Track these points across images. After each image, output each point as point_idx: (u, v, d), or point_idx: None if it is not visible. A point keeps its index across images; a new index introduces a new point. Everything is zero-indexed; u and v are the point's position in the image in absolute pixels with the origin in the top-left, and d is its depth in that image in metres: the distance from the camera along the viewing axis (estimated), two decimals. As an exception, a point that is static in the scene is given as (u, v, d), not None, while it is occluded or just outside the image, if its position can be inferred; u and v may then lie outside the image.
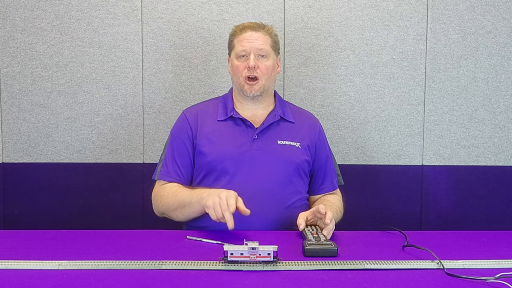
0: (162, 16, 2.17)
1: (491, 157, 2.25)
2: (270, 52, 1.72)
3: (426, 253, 1.32)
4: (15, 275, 1.16)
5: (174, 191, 1.67)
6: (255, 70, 1.68)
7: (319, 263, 1.25)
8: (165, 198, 1.68)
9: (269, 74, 1.72)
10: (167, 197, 1.67)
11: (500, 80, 2.22)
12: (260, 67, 1.68)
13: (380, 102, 2.22)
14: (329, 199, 1.75)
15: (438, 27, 2.20)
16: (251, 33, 1.71)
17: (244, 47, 1.69)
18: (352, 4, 2.18)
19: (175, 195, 1.65)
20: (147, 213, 2.15)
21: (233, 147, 1.68)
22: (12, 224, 2.19)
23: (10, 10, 2.15)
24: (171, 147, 1.75)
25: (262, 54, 1.69)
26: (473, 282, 1.15)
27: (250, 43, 1.69)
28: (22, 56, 2.16)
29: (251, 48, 1.68)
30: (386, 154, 2.23)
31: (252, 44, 1.69)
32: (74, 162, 2.19)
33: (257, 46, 1.69)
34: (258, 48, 1.69)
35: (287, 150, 1.71)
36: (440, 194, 2.24)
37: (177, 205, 1.63)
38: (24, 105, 2.18)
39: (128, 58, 2.18)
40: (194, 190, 1.63)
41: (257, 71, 1.68)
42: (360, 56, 2.20)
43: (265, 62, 1.70)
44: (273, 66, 1.73)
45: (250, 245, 1.23)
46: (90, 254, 1.30)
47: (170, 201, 1.65)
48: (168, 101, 2.19)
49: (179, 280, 1.14)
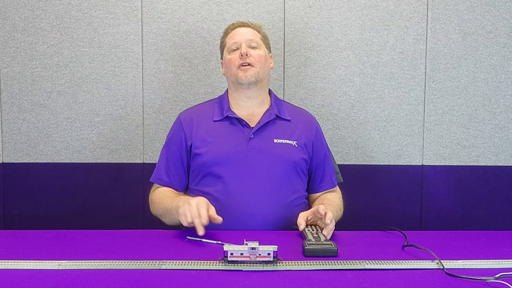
0: (162, 16, 2.17)
1: (491, 157, 2.25)
2: (260, 43, 1.77)
3: (426, 253, 1.32)
4: (15, 275, 1.16)
5: (162, 196, 1.70)
6: (248, 57, 1.71)
7: (319, 263, 1.25)
8: (155, 203, 1.71)
9: (262, 62, 1.74)
10: (156, 202, 1.71)
11: (500, 80, 2.22)
12: (252, 55, 1.72)
13: (380, 102, 2.22)
14: (329, 198, 1.75)
15: (438, 27, 2.20)
16: (240, 29, 1.78)
17: (235, 40, 1.75)
18: (352, 4, 2.19)
19: (161, 201, 1.68)
20: (147, 213, 2.15)
21: (229, 147, 1.69)
22: (12, 224, 2.19)
23: (10, 10, 2.15)
24: (165, 151, 1.78)
25: (252, 45, 1.74)
26: (473, 282, 1.15)
27: (240, 36, 1.75)
28: (22, 56, 2.16)
29: (241, 40, 1.74)
30: (386, 154, 2.23)
31: (242, 36, 1.75)
32: (74, 162, 2.19)
33: (247, 37, 1.75)
34: (248, 39, 1.75)
35: (284, 148, 1.71)
36: (440, 194, 2.24)
37: (161, 211, 1.67)
38: (24, 105, 2.18)
39: (128, 58, 2.18)
40: (177, 198, 1.65)
41: (250, 58, 1.71)
42: (360, 56, 2.20)
43: (257, 52, 1.74)
44: (265, 57, 1.76)
45: (250, 245, 1.23)
46: (90, 254, 1.30)
47: (157, 207, 1.70)
48: (168, 101, 2.19)
49: (179, 280, 1.14)
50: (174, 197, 1.67)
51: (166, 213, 1.64)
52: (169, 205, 1.61)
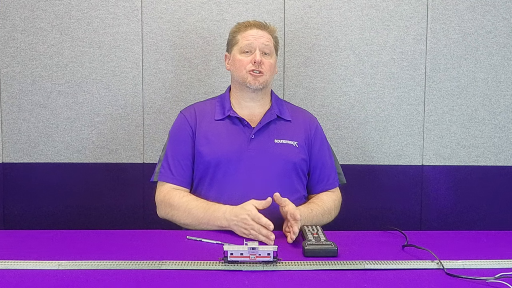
0: (162, 16, 2.17)
1: (491, 157, 2.25)
2: (273, 51, 1.76)
3: (426, 253, 1.32)
4: (15, 275, 1.16)
5: (186, 204, 1.63)
6: (261, 65, 1.70)
7: (319, 263, 1.25)
8: (175, 209, 1.64)
9: (271, 71, 1.75)
10: (178, 209, 1.64)
11: (500, 80, 2.22)
12: (264, 63, 1.71)
13: (380, 102, 2.22)
14: (322, 198, 1.74)
15: (438, 27, 2.20)
16: (256, 31, 1.74)
17: (250, 42, 1.71)
18: (352, 4, 2.19)
19: (187, 210, 1.62)
20: (147, 213, 2.16)
21: (230, 147, 1.69)
22: (12, 224, 2.19)
23: (10, 10, 2.15)
24: (173, 148, 1.74)
25: (266, 51, 1.72)
26: (473, 282, 1.15)
27: (256, 39, 1.72)
28: (22, 56, 2.16)
29: (257, 43, 1.71)
30: (386, 154, 2.23)
31: (258, 40, 1.71)
32: (74, 162, 2.19)
33: (263, 42, 1.72)
34: (264, 44, 1.72)
35: (284, 149, 1.71)
36: (440, 194, 2.24)
37: (190, 221, 1.61)
38: (24, 105, 2.18)
39: (128, 58, 2.18)
40: (208, 208, 1.59)
41: (262, 66, 1.70)
42: (360, 56, 2.20)
43: (269, 59, 1.73)
44: (274, 64, 1.76)
45: (250, 245, 1.23)
46: (90, 254, 1.30)
47: (182, 216, 1.63)
48: (168, 101, 2.19)
49: (179, 280, 1.14)
50: (203, 205, 1.61)
51: (198, 224, 1.59)
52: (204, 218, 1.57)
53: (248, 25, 1.75)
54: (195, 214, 1.60)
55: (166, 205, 1.67)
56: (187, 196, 1.67)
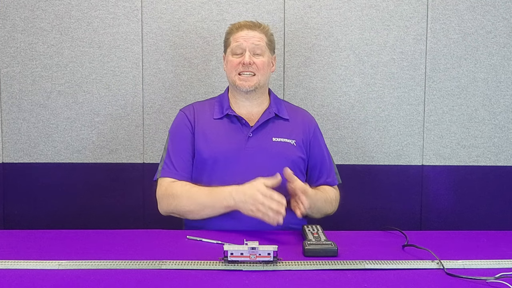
0: (162, 16, 2.17)
1: (491, 157, 2.25)
2: (265, 49, 1.75)
3: (426, 253, 1.32)
4: (15, 275, 1.16)
5: (188, 191, 1.63)
6: (251, 66, 1.70)
7: (319, 263, 1.25)
8: (178, 198, 1.63)
9: (265, 70, 1.74)
10: (180, 197, 1.63)
11: (500, 80, 2.22)
12: (256, 62, 1.71)
13: (380, 102, 2.22)
14: (325, 189, 1.77)
15: (438, 27, 2.20)
16: (247, 32, 1.74)
17: (239, 43, 1.72)
18: (352, 4, 2.19)
19: (190, 196, 1.62)
20: (147, 213, 2.16)
21: (228, 145, 1.69)
22: (12, 224, 2.19)
23: (10, 10, 2.15)
24: (174, 144, 1.74)
25: (257, 51, 1.72)
26: (473, 282, 1.15)
27: (245, 40, 1.72)
28: (22, 56, 2.16)
29: (246, 45, 1.72)
30: (386, 154, 2.23)
31: (247, 41, 1.72)
32: (74, 162, 2.19)
33: (253, 42, 1.72)
34: (254, 44, 1.72)
35: (282, 147, 1.72)
36: (440, 194, 2.24)
37: (194, 207, 1.61)
38: (24, 105, 2.18)
39: (128, 58, 2.18)
40: (211, 190, 1.60)
41: (253, 66, 1.71)
42: (360, 56, 2.20)
43: (261, 59, 1.73)
44: (268, 63, 1.76)
45: (250, 245, 1.23)
46: (90, 254, 1.30)
47: (185, 202, 1.62)
48: (168, 101, 2.19)
49: (179, 280, 1.14)
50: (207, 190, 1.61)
51: (203, 209, 1.59)
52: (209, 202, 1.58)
53: (239, 26, 1.76)
54: (198, 199, 1.60)
55: (168, 196, 1.66)
56: (188, 184, 1.67)
